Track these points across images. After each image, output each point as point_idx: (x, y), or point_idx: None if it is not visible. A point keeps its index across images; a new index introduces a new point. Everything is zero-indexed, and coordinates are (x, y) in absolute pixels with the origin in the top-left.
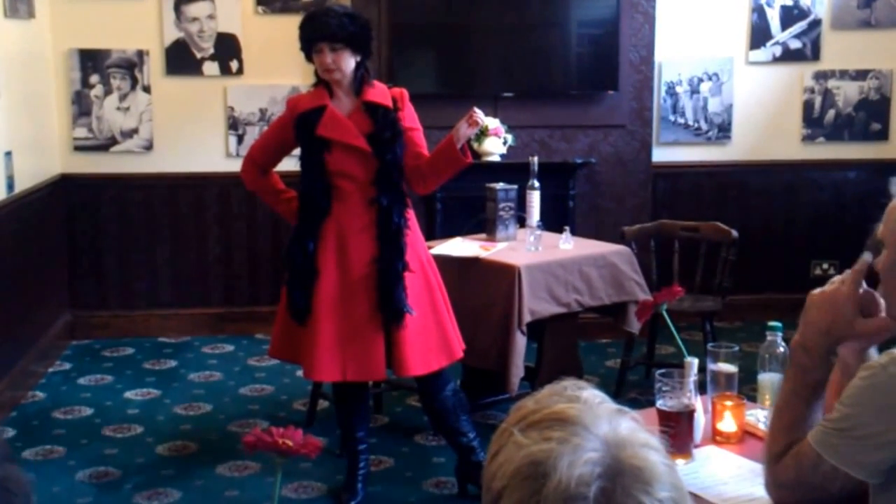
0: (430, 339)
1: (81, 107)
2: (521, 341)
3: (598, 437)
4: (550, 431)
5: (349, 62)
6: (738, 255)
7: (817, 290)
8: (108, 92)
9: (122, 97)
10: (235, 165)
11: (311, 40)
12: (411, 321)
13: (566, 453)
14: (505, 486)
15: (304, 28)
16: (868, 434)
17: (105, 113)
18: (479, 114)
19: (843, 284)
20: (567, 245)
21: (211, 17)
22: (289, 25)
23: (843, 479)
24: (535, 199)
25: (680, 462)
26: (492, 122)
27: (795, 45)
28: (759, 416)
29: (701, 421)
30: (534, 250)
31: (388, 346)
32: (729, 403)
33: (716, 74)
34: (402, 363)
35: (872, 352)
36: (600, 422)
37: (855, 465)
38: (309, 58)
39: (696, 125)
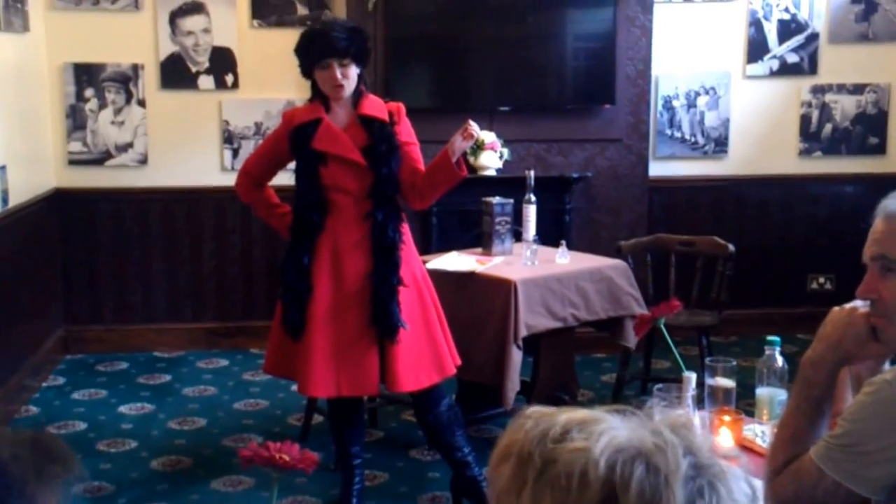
0: (423, 355)
1: (76, 121)
2: (517, 356)
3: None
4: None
5: (355, 76)
6: (735, 270)
7: (838, 307)
8: (102, 106)
9: (117, 111)
10: (230, 179)
11: (321, 56)
12: (404, 337)
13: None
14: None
15: (312, 44)
16: (872, 449)
17: (100, 127)
18: (473, 126)
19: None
20: (563, 259)
21: (206, 30)
22: (284, 39)
23: (845, 495)
24: (531, 213)
25: None
26: (488, 136)
27: (793, 58)
28: (756, 432)
29: None
30: (530, 265)
31: (382, 361)
32: (727, 418)
33: (713, 88)
34: (393, 379)
35: (886, 367)
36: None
37: (858, 480)
38: (307, 73)
39: (692, 139)
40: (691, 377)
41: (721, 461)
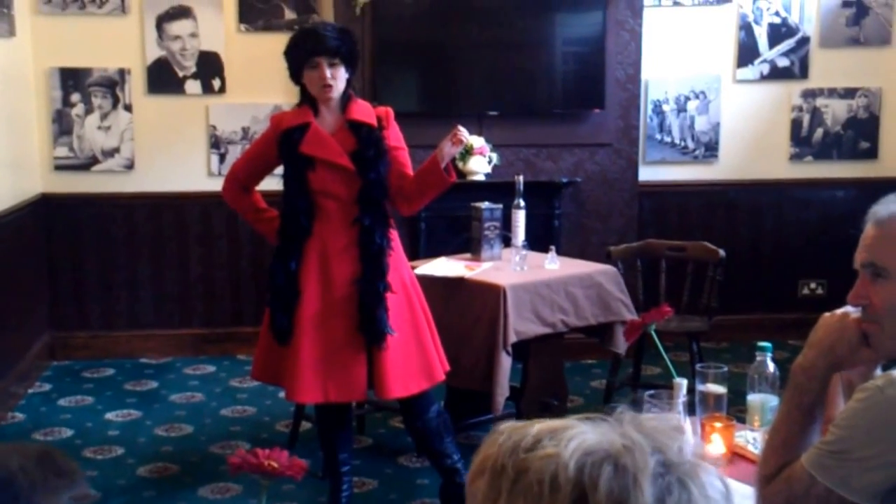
0: (411, 361)
1: (62, 126)
2: (506, 362)
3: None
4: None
5: (343, 78)
6: (726, 275)
7: (829, 313)
8: (89, 111)
9: (104, 116)
10: (217, 184)
11: (310, 54)
12: (392, 343)
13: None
14: None
15: (301, 42)
16: (864, 456)
17: (86, 132)
18: (463, 132)
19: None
20: (553, 265)
21: (193, 35)
22: (271, 44)
23: (837, 502)
24: (520, 218)
25: None
26: (477, 141)
27: (783, 62)
28: (748, 438)
29: None
30: (519, 270)
31: (370, 367)
32: (718, 425)
33: (703, 92)
34: (382, 385)
35: (878, 373)
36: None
37: (850, 487)
38: (296, 75)
39: (682, 144)
40: (682, 383)
41: (693, 459)
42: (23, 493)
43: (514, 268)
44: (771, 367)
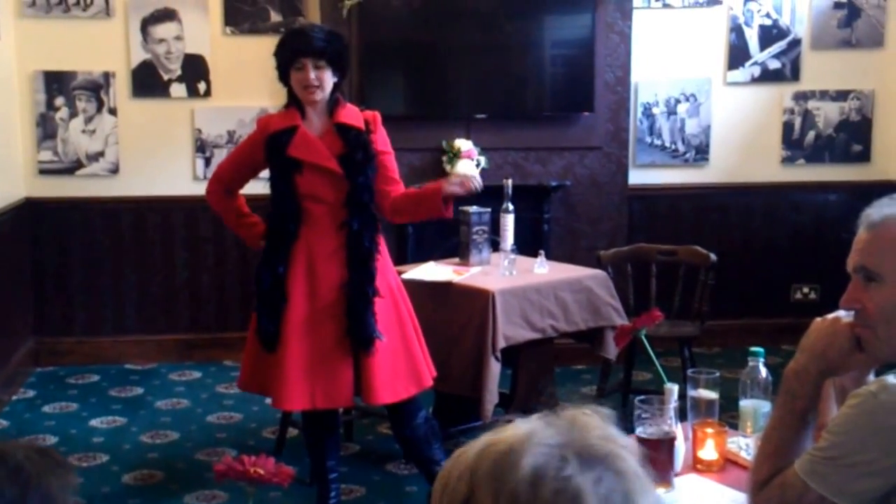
0: (399, 366)
1: (46, 129)
2: (495, 367)
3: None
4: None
5: (330, 81)
6: (717, 279)
7: (821, 317)
8: (73, 114)
9: (88, 119)
10: (203, 188)
11: (296, 55)
12: (381, 348)
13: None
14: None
15: (288, 42)
16: (857, 462)
17: (70, 136)
18: (475, 182)
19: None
20: (542, 269)
21: (178, 38)
22: (257, 46)
23: None
24: (509, 222)
25: (660, 491)
26: (464, 145)
27: (774, 65)
28: (740, 444)
29: (681, 449)
30: (508, 275)
31: (357, 373)
32: (710, 431)
33: (693, 95)
34: (370, 391)
35: (871, 378)
36: None
37: (843, 494)
38: (283, 76)
39: (673, 147)
40: (673, 389)
41: (609, 444)
42: (33, 479)
43: (503, 272)
44: (763, 372)
